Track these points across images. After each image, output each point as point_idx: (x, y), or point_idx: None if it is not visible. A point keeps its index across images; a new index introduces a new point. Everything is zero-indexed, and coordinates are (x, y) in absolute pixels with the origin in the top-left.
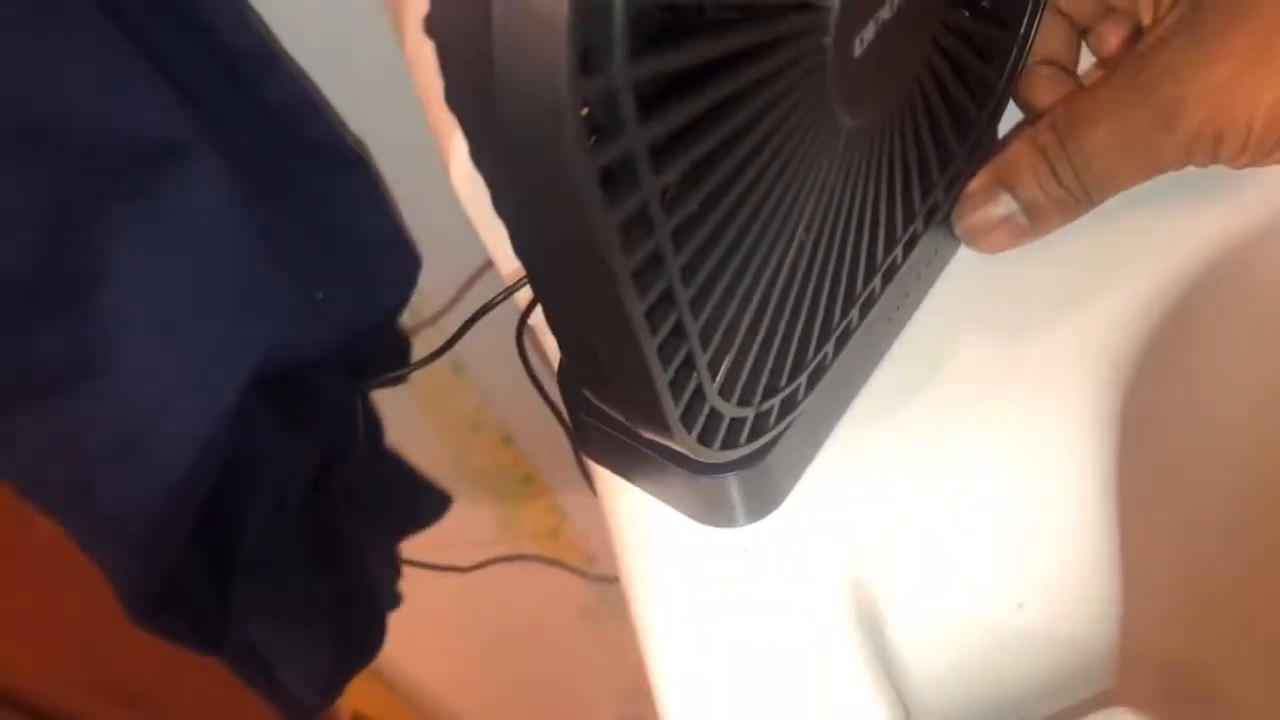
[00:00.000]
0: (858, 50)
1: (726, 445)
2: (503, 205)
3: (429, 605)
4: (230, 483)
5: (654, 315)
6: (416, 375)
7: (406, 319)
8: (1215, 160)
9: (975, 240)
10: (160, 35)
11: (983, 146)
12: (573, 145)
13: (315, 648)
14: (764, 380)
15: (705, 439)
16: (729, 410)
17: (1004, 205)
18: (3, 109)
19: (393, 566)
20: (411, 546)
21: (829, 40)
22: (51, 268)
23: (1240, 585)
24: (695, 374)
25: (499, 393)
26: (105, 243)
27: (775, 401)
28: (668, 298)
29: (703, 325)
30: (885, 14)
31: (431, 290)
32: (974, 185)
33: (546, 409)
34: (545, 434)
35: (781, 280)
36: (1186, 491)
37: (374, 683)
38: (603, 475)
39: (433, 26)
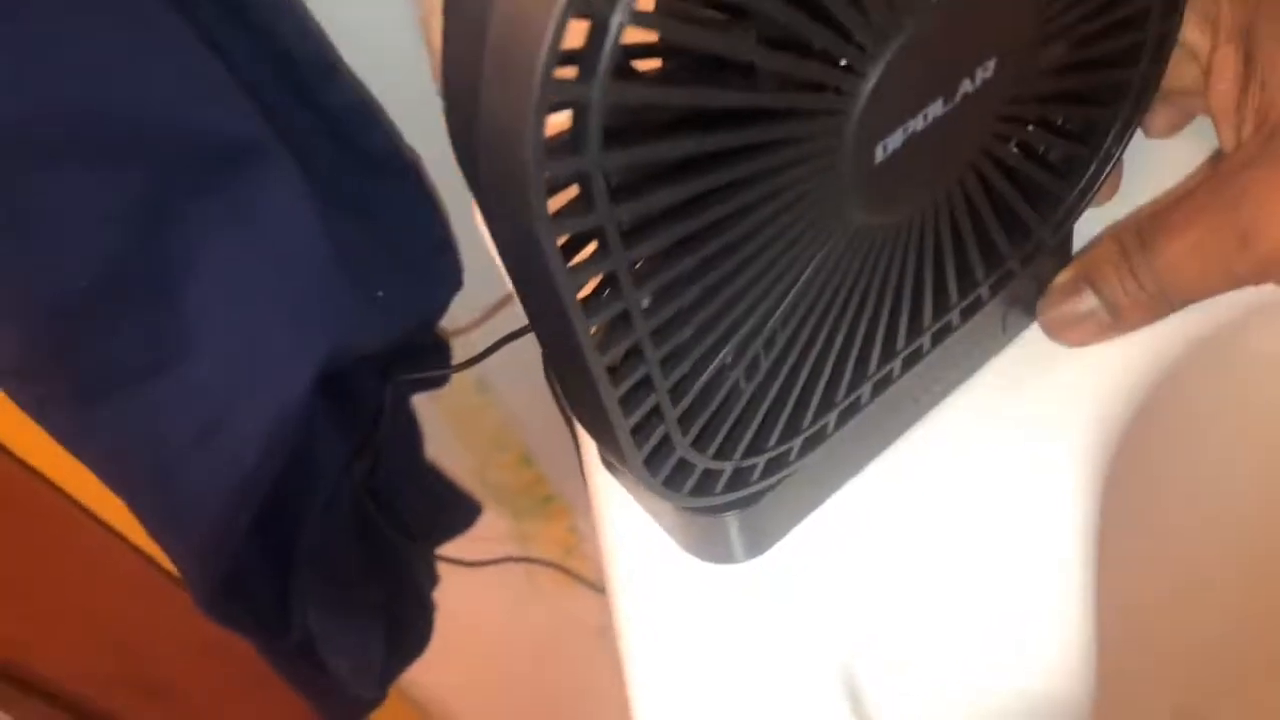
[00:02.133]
0: (879, 157)
1: (700, 492)
2: (495, 243)
3: (440, 618)
4: (290, 478)
5: (620, 368)
6: (444, 391)
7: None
8: None
9: (1059, 333)
10: (229, 42)
11: (1044, 253)
12: (536, 218)
13: (369, 640)
14: (747, 439)
15: (673, 484)
16: (701, 461)
17: (1087, 301)
18: (97, 112)
19: (431, 570)
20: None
21: (844, 147)
22: (139, 261)
23: (1240, 645)
24: (664, 424)
25: (521, 413)
26: (189, 238)
27: (760, 460)
28: (637, 353)
29: (675, 382)
30: (918, 125)
31: (460, 311)
32: (1060, 279)
33: (566, 433)
34: (566, 457)
35: (774, 353)
36: (1177, 556)
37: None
38: (602, 501)
39: (441, 85)
